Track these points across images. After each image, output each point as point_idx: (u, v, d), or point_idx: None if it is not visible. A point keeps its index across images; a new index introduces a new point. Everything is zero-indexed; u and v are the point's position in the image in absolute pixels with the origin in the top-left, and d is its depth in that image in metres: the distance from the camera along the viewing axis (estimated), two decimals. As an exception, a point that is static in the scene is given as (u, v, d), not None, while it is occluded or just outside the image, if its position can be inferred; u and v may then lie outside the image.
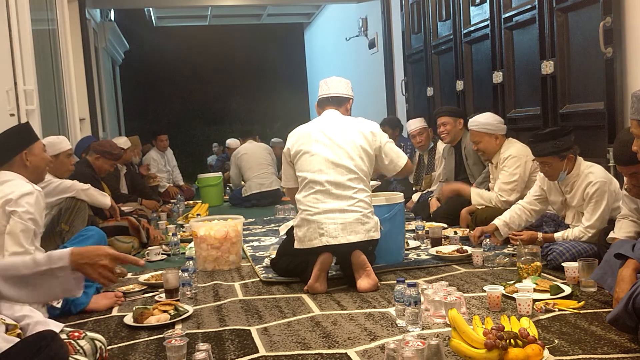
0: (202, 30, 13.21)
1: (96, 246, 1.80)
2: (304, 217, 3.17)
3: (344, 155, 3.21)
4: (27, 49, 3.97)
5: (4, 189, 2.67)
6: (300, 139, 3.31)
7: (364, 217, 3.15)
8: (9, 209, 2.61)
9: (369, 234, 3.15)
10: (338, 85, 3.45)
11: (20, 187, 2.68)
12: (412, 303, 2.39)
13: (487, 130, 4.23)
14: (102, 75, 8.57)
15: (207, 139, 14.37)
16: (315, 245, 3.11)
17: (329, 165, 3.19)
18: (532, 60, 4.63)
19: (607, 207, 3.19)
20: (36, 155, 2.87)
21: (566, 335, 2.26)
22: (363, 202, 3.18)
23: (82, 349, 1.92)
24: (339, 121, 3.34)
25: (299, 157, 3.28)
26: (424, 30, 6.57)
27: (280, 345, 2.35)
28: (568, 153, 3.27)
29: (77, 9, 6.65)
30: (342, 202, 3.14)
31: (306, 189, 3.22)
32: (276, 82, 15.64)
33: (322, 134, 3.27)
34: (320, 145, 3.24)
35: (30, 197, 2.66)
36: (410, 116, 6.58)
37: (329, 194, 3.15)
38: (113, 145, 5.00)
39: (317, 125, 3.33)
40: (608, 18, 3.65)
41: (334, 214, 3.12)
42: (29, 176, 2.82)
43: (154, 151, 7.95)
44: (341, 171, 3.18)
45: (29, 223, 2.62)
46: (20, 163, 2.81)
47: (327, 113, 3.40)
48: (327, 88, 3.45)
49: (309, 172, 3.21)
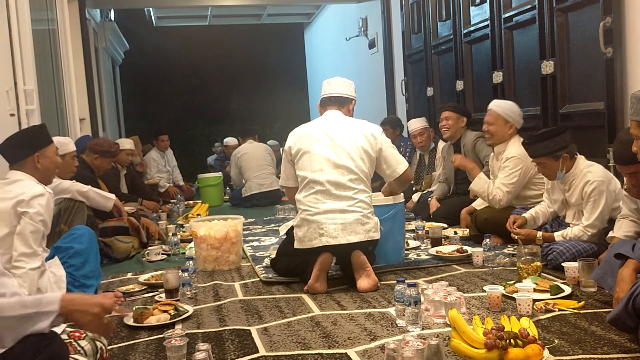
0: (202, 30, 13.20)
1: (89, 295, 1.78)
2: (304, 217, 3.17)
3: (345, 156, 3.21)
4: (27, 49, 3.97)
5: (15, 189, 2.69)
6: (302, 137, 3.31)
7: (364, 218, 3.15)
8: (20, 209, 2.62)
9: (368, 234, 3.15)
10: (341, 85, 3.45)
11: (32, 188, 2.71)
12: (412, 303, 2.39)
13: (506, 115, 4.09)
14: (102, 75, 8.57)
15: (207, 139, 14.36)
16: (315, 245, 3.11)
17: (330, 165, 3.19)
18: (532, 60, 4.63)
19: (606, 207, 3.19)
20: (48, 158, 2.89)
21: (566, 335, 2.26)
22: (363, 203, 3.18)
23: (83, 349, 1.92)
24: (341, 121, 3.33)
25: (300, 156, 3.27)
26: (424, 30, 6.57)
27: (280, 345, 2.35)
28: (562, 152, 3.28)
29: (77, 9, 6.65)
30: (342, 203, 3.14)
31: (306, 188, 3.21)
32: (276, 82, 15.63)
33: (324, 133, 3.27)
34: (322, 145, 3.24)
35: (42, 198, 2.68)
36: (411, 116, 6.59)
37: (330, 194, 3.15)
38: (110, 143, 5.00)
39: (319, 125, 3.33)
40: (608, 18, 3.65)
41: (334, 214, 3.12)
42: (39, 178, 2.85)
43: (154, 151, 7.96)
44: (342, 171, 3.18)
45: (39, 225, 2.64)
46: (32, 164, 2.83)
47: (329, 113, 3.40)
48: (330, 88, 3.45)
49: (310, 172, 3.21)
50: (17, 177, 2.77)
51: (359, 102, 3.66)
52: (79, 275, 3.02)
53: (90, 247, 3.18)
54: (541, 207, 3.65)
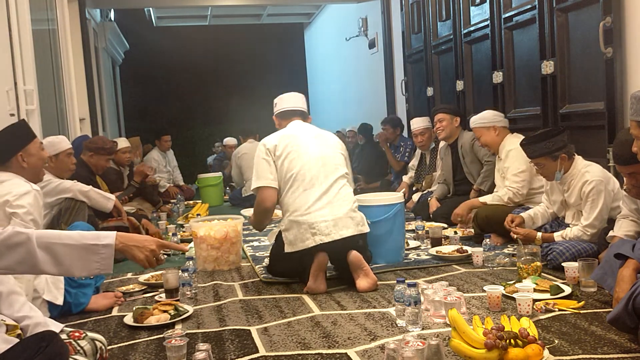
0: (202, 30, 13.20)
1: (144, 235, 1.92)
2: (292, 218, 3.16)
3: (328, 154, 3.30)
4: (27, 49, 3.97)
5: (2, 189, 2.67)
6: (285, 138, 3.33)
7: (352, 212, 3.20)
8: (9, 210, 2.60)
9: (358, 227, 3.18)
10: (301, 100, 3.55)
11: (18, 187, 2.68)
12: (412, 303, 2.39)
13: (482, 124, 4.29)
14: (102, 75, 8.57)
15: (207, 139, 14.34)
16: (309, 245, 3.09)
17: (316, 161, 3.24)
18: (532, 60, 4.63)
19: (604, 206, 3.19)
20: (33, 155, 2.83)
21: (566, 335, 2.26)
22: (350, 196, 3.26)
23: (83, 349, 1.92)
24: (313, 128, 3.45)
25: (286, 155, 3.26)
26: (424, 30, 6.57)
27: (280, 345, 2.35)
28: (560, 153, 3.29)
29: (77, 9, 6.65)
30: (330, 196, 3.18)
31: (293, 187, 3.21)
32: (276, 82, 15.61)
33: (306, 135, 3.35)
34: (305, 145, 3.29)
35: (28, 196, 2.66)
36: (411, 116, 6.60)
37: (317, 187, 3.19)
38: (105, 140, 4.98)
39: (297, 130, 3.38)
40: (608, 18, 3.65)
41: (323, 210, 3.13)
42: (28, 176, 2.80)
43: (155, 151, 7.96)
44: (327, 167, 3.25)
45: (30, 224, 2.62)
46: (17, 165, 2.79)
47: (298, 122, 3.45)
48: (291, 102, 3.52)
49: (298, 168, 3.22)
50: (3, 178, 2.73)
51: (359, 102, 3.68)
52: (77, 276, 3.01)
53: None
54: (540, 208, 3.65)
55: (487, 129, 4.28)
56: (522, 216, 3.60)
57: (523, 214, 3.64)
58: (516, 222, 3.57)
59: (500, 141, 4.24)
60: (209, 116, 15.61)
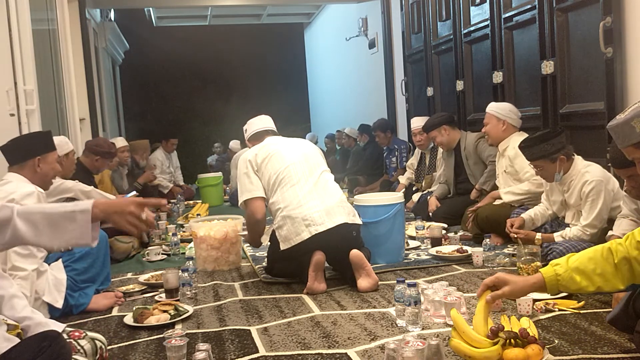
0: (202, 30, 13.20)
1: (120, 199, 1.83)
2: (284, 214, 3.18)
3: (308, 152, 3.42)
4: (27, 49, 3.97)
5: (6, 189, 2.71)
6: (264, 147, 3.42)
7: (342, 202, 3.27)
8: None
9: (350, 217, 3.22)
10: (269, 120, 3.69)
11: (22, 188, 2.73)
12: (412, 303, 2.40)
13: (496, 114, 4.24)
14: (102, 75, 8.57)
15: (207, 139, 14.34)
16: (305, 237, 3.11)
17: (298, 158, 3.33)
18: (532, 60, 4.63)
19: (604, 206, 3.19)
20: (48, 164, 2.95)
21: (566, 335, 2.26)
22: (337, 188, 3.36)
23: (83, 348, 1.92)
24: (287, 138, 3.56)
25: (269, 160, 3.33)
26: (424, 30, 6.57)
27: (280, 345, 2.35)
28: (559, 154, 3.29)
29: (77, 9, 6.65)
30: (319, 188, 3.25)
31: (281, 185, 3.26)
32: (276, 82, 15.62)
33: (282, 142, 3.46)
34: (285, 148, 3.39)
35: (32, 197, 2.70)
36: (411, 116, 6.60)
37: (304, 182, 3.24)
38: (109, 144, 5.01)
39: (271, 140, 3.49)
40: (608, 18, 3.65)
41: (314, 201, 3.18)
42: (37, 182, 2.88)
43: (160, 152, 7.97)
44: (310, 163, 3.35)
45: None
46: (31, 168, 2.88)
47: (271, 137, 3.55)
48: (263, 123, 3.63)
49: (282, 168, 3.29)
50: (10, 179, 2.82)
51: (359, 102, 3.69)
52: (80, 280, 3.02)
53: (98, 251, 3.16)
54: (539, 209, 3.65)
55: (497, 119, 4.24)
56: (522, 218, 3.60)
57: (523, 215, 3.64)
58: (516, 224, 3.57)
59: (504, 137, 4.21)
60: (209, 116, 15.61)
